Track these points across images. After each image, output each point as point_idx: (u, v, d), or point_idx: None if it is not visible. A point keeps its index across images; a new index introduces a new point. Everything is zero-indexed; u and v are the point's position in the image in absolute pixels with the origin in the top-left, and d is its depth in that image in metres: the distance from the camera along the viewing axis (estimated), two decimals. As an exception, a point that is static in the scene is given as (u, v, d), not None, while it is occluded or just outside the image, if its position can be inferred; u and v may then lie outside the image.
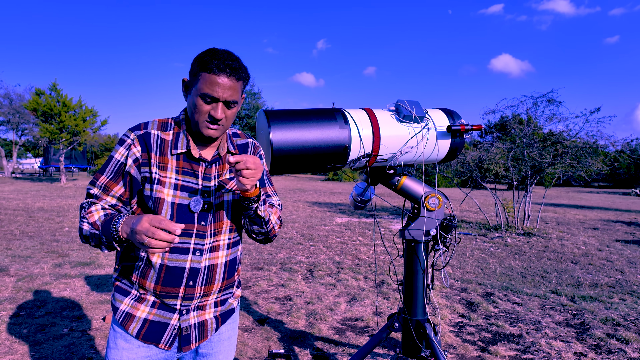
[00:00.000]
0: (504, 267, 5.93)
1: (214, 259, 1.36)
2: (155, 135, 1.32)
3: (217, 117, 1.25)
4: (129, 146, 1.31)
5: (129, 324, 1.33)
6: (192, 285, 1.33)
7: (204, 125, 1.27)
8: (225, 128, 1.31)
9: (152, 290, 1.32)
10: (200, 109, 1.25)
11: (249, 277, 5.04)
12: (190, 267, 1.32)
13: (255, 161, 1.20)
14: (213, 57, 1.23)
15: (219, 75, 1.21)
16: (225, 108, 1.27)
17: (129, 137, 1.32)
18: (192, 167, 1.32)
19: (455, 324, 3.76)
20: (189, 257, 1.31)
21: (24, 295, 4.11)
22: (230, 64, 1.23)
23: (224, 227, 1.37)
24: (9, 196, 14.09)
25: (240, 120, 37.17)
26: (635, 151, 31.83)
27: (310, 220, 10.05)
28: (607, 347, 3.31)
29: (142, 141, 1.31)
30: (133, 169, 1.30)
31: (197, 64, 1.25)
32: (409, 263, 2.17)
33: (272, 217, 1.41)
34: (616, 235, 9.05)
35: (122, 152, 1.31)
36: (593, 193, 27.46)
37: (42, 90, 22.39)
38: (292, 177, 34.65)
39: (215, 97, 1.23)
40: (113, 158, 1.33)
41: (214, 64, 1.21)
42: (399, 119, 1.97)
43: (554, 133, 8.71)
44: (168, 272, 1.30)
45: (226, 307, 1.45)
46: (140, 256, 1.32)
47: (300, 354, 3.10)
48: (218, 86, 1.22)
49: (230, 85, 1.23)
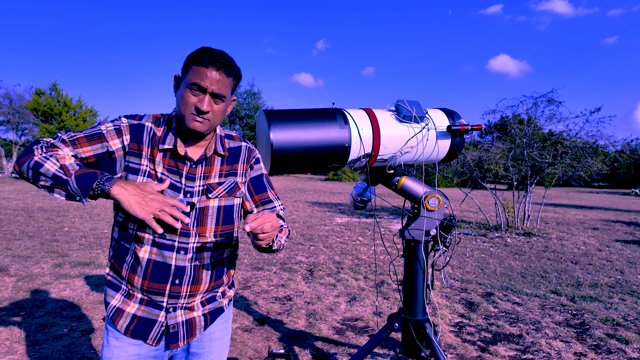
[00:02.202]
0: (504, 267, 5.93)
1: (200, 259, 1.35)
2: (148, 128, 1.32)
3: (202, 109, 1.23)
4: (118, 128, 1.30)
5: (119, 320, 1.34)
6: (178, 283, 1.33)
7: (189, 118, 1.26)
8: (211, 124, 1.28)
9: (139, 286, 1.32)
10: (187, 100, 1.25)
11: (249, 277, 5.04)
12: (175, 264, 1.31)
13: (273, 224, 1.18)
14: (204, 51, 1.24)
15: (208, 67, 1.22)
16: (212, 102, 1.26)
17: (122, 122, 1.31)
18: (177, 166, 1.32)
19: (455, 324, 3.76)
20: (174, 254, 1.31)
21: (24, 295, 4.11)
22: (220, 59, 1.24)
23: (207, 231, 1.34)
24: (9, 196, 14.10)
25: (240, 120, 37.17)
26: (635, 151, 31.84)
27: (310, 220, 10.05)
28: (607, 347, 3.31)
29: (132, 131, 1.30)
30: (117, 153, 1.29)
31: (188, 59, 1.27)
32: (409, 263, 2.17)
33: (282, 241, 1.39)
34: (616, 235, 9.05)
35: (110, 128, 1.30)
36: (593, 193, 27.47)
37: (42, 90, 22.43)
38: (292, 177, 34.65)
39: (203, 87, 1.23)
40: (97, 127, 1.31)
41: (204, 57, 1.23)
42: (399, 119, 1.97)
43: (554, 133, 8.72)
44: (155, 267, 1.31)
45: (214, 305, 1.43)
46: (131, 250, 1.32)
47: (300, 354, 3.10)
48: (206, 77, 1.22)
49: (219, 79, 1.24)
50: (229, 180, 1.38)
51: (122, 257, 1.34)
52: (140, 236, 1.30)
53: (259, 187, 1.45)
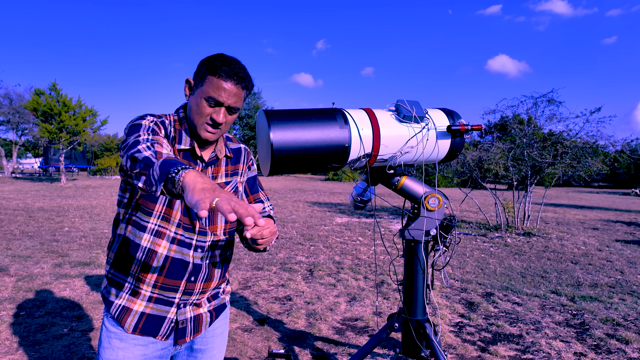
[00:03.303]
0: (504, 267, 5.93)
1: (213, 257, 1.40)
2: (168, 125, 1.34)
3: (218, 121, 1.27)
4: (155, 122, 1.28)
5: (126, 318, 1.33)
6: (193, 280, 1.36)
7: (202, 128, 1.29)
8: (222, 132, 1.33)
9: (152, 283, 1.33)
10: (202, 110, 1.27)
11: (249, 277, 5.04)
12: (193, 262, 1.35)
13: (271, 229, 1.24)
14: (222, 62, 1.24)
15: (226, 81, 1.23)
16: (227, 113, 1.29)
17: (153, 119, 1.29)
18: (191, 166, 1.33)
19: (455, 324, 3.76)
20: (191, 252, 1.34)
21: (24, 295, 4.11)
22: (238, 72, 1.25)
23: (218, 229, 1.40)
24: (9, 196, 14.09)
25: (240, 120, 37.17)
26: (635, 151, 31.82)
27: (310, 220, 10.05)
28: (607, 347, 3.31)
29: (163, 127, 1.31)
30: None
31: (205, 67, 1.26)
32: (409, 263, 2.17)
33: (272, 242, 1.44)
34: (616, 235, 9.05)
35: (151, 123, 1.26)
36: (593, 193, 27.46)
37: (42, 90, 22.40)
38: (292, 177, 34.65)
39: (220, 102, 1.25)
40: (142, 125, 1.23)
41: (222, 70, 1.23)
42: (399, 119, 1.97)
43: (554, 133, 8.71)
44: (172, 264, 1.33)
45: (219, 301, 1.50)
46: (143, 246, 1.32)
47: (300, 354, 3.10)
48: (224, 91, 1.24)
49: (236, 92, 1.26)
50: (233, 179, 1.45)
51: (132, 253, 1.34)
52: (161, 232, 1.32)
53: (254, 187, 1.53)
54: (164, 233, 1.31)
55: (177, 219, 1.32)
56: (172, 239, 1.32)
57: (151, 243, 1.32)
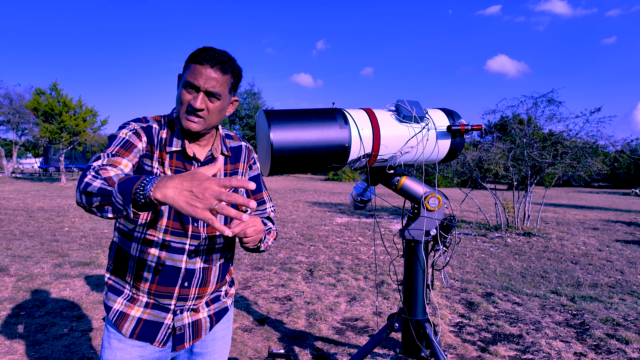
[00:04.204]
0: (504, 267, 5.93)
1: (208, 261, 1.35)
2: (156, 130, 1.31)
3: (195, 107, 1.21)
4: (135, 131, 1.27)
5: (123, 323, 1.32)
6: (187, 286, 1.32)
7: (184, 117, 1.25)
8: (208, 123, 1.27)
9: (146, 290, 1.31)
10: (182, 98, 1.24)
11: (249, 277, 5.04)
12: (185, 267, 1.31)
13: (256, 228, 1.21)
14: (202, 49, 1.24)
15: (203, 65, 1.21)
16: (207, 100, 1.24)
17: (134, 126, 1.28)
18: (185, 167, 1.30)
19: (455, 324, 3.76)
20: (184, 257, 1.30)
21: (24, 295, 4.11)
22: (216, 56, 1.22)
23: (217, 232, 1.36)
24: (9, 196, 14.09)
25: (240, 120, 37.17)
26: (635, 151, 31.83)
27: (310, 220, 10.04)
28: (607, 347, 3.31)
29: (146, 133, 1.28)
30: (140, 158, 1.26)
31: (188, 58, 1.26)
32: (409, 263, 2.17)
33: (269, 243, 1.43)
34: (616, 235, 9.05)
35: (128, 133, 1.25)
36: (593, 193, 27.46)
37: (42, 90, 22.40)
38: (292, 177, 34.64)
39: (196, 85, 1.21)
40: (117, 136, 1.24)
41: (201, 55, 1.22)
42: (399, 119, 1.97)
43: (554, 133, 8.71)
44: (164, 271, 1.30)
45: (219, 305, 1.45)
46: (133, 255, 1.30)
47: (300, 354, 3.10)
48: (200, 75, 1.21)
49: (214, 77, 1.21)
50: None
51: (124, 262, 1.32)
52: (148, 239, 1.28)
53: (257, 187, 1.47)
54: (152, 240, 1.28)
55: (163, 226, 1.28)
56: (161, 245, 1.29)
57: (139, 252, 1.29)
